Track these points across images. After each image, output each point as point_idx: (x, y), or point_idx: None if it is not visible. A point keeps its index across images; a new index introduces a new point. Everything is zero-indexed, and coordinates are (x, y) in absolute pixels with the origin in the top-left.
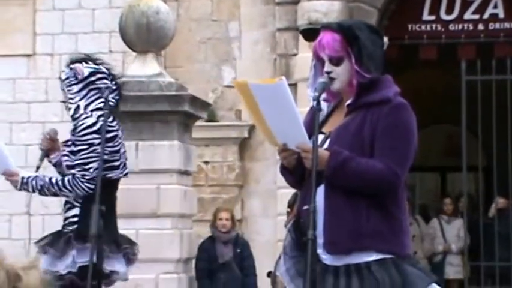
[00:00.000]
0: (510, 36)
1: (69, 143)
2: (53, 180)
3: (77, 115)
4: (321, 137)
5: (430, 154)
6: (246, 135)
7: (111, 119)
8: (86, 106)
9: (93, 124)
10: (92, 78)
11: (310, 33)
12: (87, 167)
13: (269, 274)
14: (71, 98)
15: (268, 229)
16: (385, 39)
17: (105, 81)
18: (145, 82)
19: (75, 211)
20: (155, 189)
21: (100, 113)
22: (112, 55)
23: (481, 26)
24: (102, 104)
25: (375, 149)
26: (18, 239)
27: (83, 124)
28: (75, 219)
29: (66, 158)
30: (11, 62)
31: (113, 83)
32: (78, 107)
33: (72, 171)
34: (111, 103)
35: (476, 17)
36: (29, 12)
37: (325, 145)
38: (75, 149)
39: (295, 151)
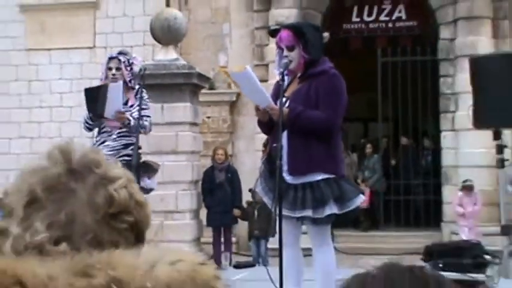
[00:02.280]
0: (410, 31)
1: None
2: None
3: None
4: (284, 99)
5: (356, 110)
6: (234, 99)
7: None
8: None
9: None
10: None
11: (274, 32)
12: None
13: (250, 190)
14: None
15: (250, 161)
16: (327, 34)
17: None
18: (167, 64)
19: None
20: (174, 135)
21: None
22: (145, 47)
23: (390, 24)
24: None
25: (319, 104)
26: None
27: None
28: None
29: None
30: (79, 52)
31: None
32: None
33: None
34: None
35: (388, 18)
36: (90, 18)
37: (287, 104)
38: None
39: (265, 110)
